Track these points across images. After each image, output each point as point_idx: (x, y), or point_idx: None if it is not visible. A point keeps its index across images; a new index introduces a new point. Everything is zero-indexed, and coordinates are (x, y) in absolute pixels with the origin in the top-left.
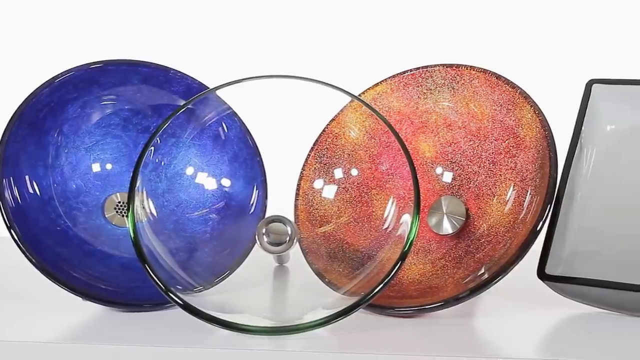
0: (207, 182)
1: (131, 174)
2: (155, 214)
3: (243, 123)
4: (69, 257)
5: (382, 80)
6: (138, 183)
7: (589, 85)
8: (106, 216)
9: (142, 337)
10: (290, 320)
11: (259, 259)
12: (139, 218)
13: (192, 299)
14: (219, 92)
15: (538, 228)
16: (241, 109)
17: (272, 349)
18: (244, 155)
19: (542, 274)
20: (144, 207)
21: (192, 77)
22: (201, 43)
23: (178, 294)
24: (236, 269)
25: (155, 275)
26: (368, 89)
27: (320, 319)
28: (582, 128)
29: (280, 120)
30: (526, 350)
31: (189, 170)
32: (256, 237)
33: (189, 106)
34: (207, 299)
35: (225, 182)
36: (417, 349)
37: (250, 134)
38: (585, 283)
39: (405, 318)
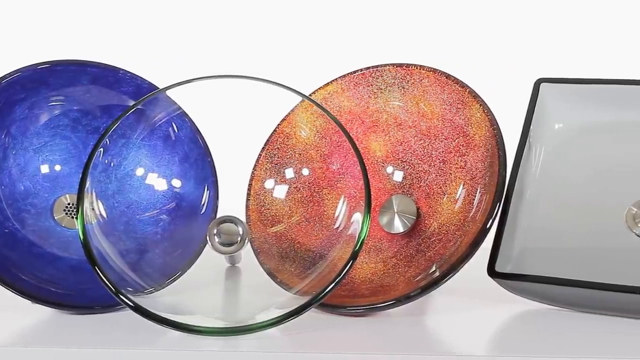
0: (158, 183)
1: (80, 175)
2: (105, 216)
3: (193, 123)
4: (17, 260)
5: (333, 80)
6: (87, 184)
7: (537, 84)
8: (55, 218)
9: (93, 339)
10: (242, 320)
11: (210, 260)
12: (88, 220)
13: (143, 301)
14: (169, 92)
15: (488, 226)
16: (191, 109)
17: (224, 350)
18: (194, 156)
19: (492, 271)
20: (93, 209)
21: (141, 78)
22: (151, 43)
23: (129, 295)
24: (187, 270)
25: (105, 277)
26: (319, 88)
27: (272, 319)
28: (531, 127)
29: (231, 120)
30: (477, 347)
31: (139, 171)
32: (207, 237)
33: (138, 106)
34: (158, 301)
35: (176, 183)
36: (369, 347)
37: (201, 134)
38: (534, 280)
39: (357, 317)
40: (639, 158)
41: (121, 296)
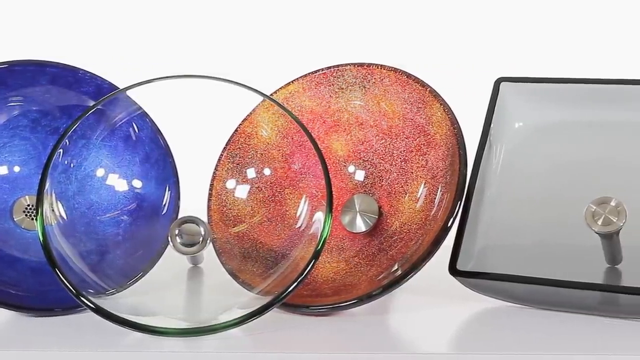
0: (119, 183)
1: (40, 176)
2: (65, 217)
3: (154, 123)
4: None
5: (294, 80)
6: (47, 185)
7: (497, 83)
8: (15, 220)
9: (54, 341)
10: (205, 321)
11: (172, 261)
12: (48, 221)
13: (104, 302)
14: (129, 93)
15: (449, 224)
16: (152, 109)
17: (186, 351)
18: (155, 156)
19: (453, 269)
20: (53, 210)
21: (101, 78)
22: (110, 43)
23: (90, 297)
24: (149, 271)
25: (65, 279)
26: (280, 88)
27: (235, 319)
28: (491, 125)
29: (192, 120)
30: (439, 345)
31: (100, 172)
32: (169, 238)
33: (98, 107)
34: (120, 302)
35: (137, 184)
36: (332, 347)
37: (162, 134)
38: (495, 278)
39: (320, 316)
40: (598, 156)
41: (82, 298)
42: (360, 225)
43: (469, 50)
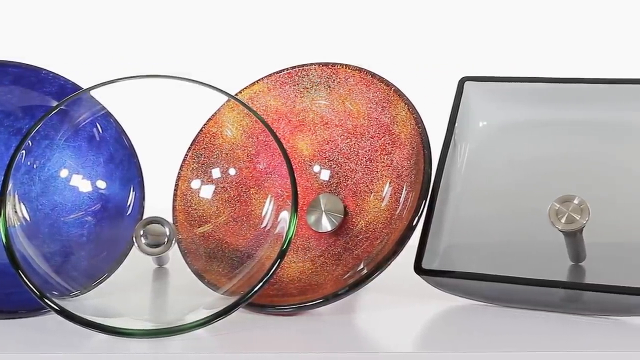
0: (83, 184)
1: (2, 177)
2: (28, 218)
3: (118, 124)
4: None
5: (259, 79)
6: (10, 187)
7: (462, 82)
8: None
9: (18, 344)
10: (171, 321)
11: (137, 261)
12: (11, 223)
13: (68, 304)
14: (93, 93)
15: (414, 223)
16: (116, 110)
17: (152, 352)
18: (120, 157)
19: (418, 268)
20: (16, 212)
21: (65, 78)
22: (74, 43)
23: (54, 299)
24: (114, 272)
25: (29, 281)
26: (245, 88)
27: (201, 320)
28: (456, 125)
29: (157, 121)
30: (405, 344)
31: (64, 173)
32: (134, 239)
33: (62, 107)
34: (84, 304)
35: (101, 184)
36: (298, 347)
37: (126, 134)
38: (460, 276)
39: (286, 316)
40: (562, 154)
41: (46, 300)
42: (326, 225)
43: (434, 49)
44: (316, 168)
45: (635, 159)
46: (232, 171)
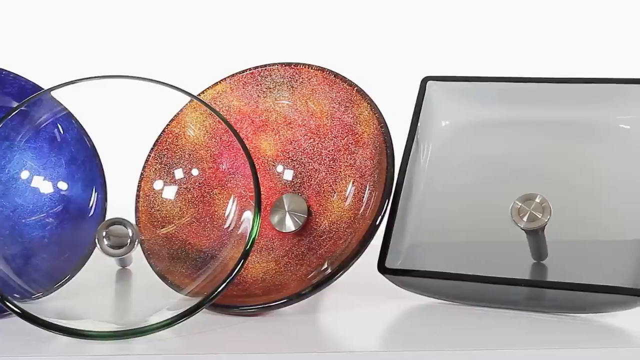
0: (44, 185)
1: None
2: None
3: (80, 124)
4: None
5: (222, 80)
6: None
7: (424, 82)
8: None
9: None
10: (134, 323)
11: (100, 263)
12: None
13: (30, 307)
14: (53, 93)
15: (377, 222)
16: (78, 110)
17: (116, 354)
18: (81, 157)
19: (382, 267)
20: None
21: (25, 78)
22: (34, 43)
23: (15, 301)
24: (76, 274)
25: None
26: (207, 88)
27: (165, 321)
28: (418, 124)
29: (119, 121)
30: (369, 342)
31: (25, 174)
32: (96, 240)
33: (22, 108)
34: (46, 306)
35: (63, 185)
36: (263, 347)
37: (88, 135)
38: (423, 275)
39: (250, 316)
40: (524, 153)
41: (7, 302)
42: (290, 225)
43: (396, 49)
44: (279, 168)
45: (596, 158)
46: (195, 172)
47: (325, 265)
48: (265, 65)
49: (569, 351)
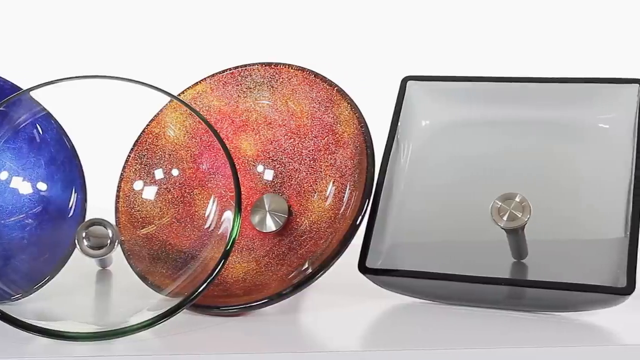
0: (23, 186)
1: None
2: None
3: (59, 125)
4: None
5: (202, 80)
6: None
7: (404, 82)
8: None
9: None
10: (114, 323)
11: (79, 264)
12: None
13: (9, 308)
14: (32, 93)
15: (358, 222)
16: (57, 111)
17: (96, 355)
18: (61, 158)
19: (362, 267)
20: None
21: (3, 78)
22: (13, 43)
23: None
24: (56, 275)
25: None
26: (187, 88)
27: (145, 321)
28: (399, 124)
29: (99, 121)
30: (350, 342)
31: (3, 175)
32: (76, 241)
33: (1, 108)
34: (26, 307)
35: (42, 186)
36: (244, 347)
37: (67, 135)
38: (404, 275)
39: (231, 317)
40: (503, 152)
41: None
42: (270, 225)
43: (376, 49)
44: (260, 168)
45: (575, 157)
46: (175, 172)
47: (306, 265)
48: (245, 65)
49: (549, 350)
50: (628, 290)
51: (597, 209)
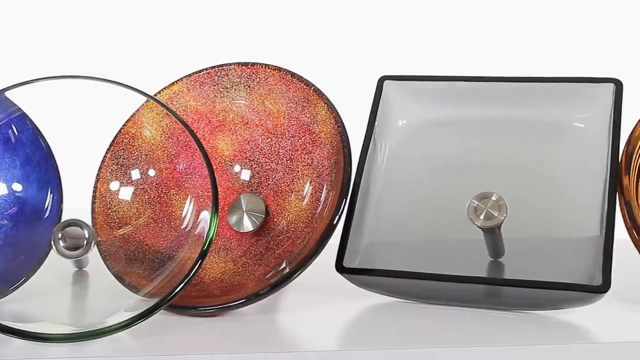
0: None
1: None
2: None
3: (35, 125)
4: None
5: (178, 80)
6: None
7: (381, 81)
8: None
9: None
10: (91, 325)
11: (56, 265)
12: None
13: None
14: (7, 94)
15: (335, 222)
16: (32, 111)
17: (72, 356)
18: (37, 159)
19: (340, 267)
20: None
21: None
22: None
23: None
24: (32, 276)
25: None
26: (164, 88)
27: (122, 322)
28: (375, 123)
29: (75, 122)
30: (328, 342)
31: None
32: (52, 242)
33: None
34: (2, 309)
35: (18, 187)
36: (222, 347)
37: (43, 136)
38: (381, 274)
39: (209, 317)
40: (480, 152)
41: None
42: (248, 225)
43: (353, 48)
44: (237, 168)
45: (551, 156)
46: (151, 172)
47: (284, 265)
48: (222, 65)
49: (525, 348)
50: (603, 288)
51: (573, 207)
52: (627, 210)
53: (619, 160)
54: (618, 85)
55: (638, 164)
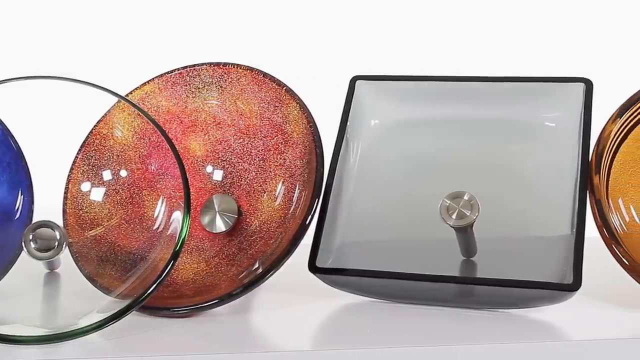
0: None
1: None
2: None
3: (5, 125)
4: None
5: (150, 80)
6: None
7: (353, 81)
8: None
9: None
10: (63, 326)
11: (27, 266)
12: None
13: None
14: None
15: (307, 222)
16: (2, 111)
17: (45, 358)
18: (7, 159)
19: (312, 266)
20: None
21: None
22: None
23: None
24: (3, 278)
25: None
26: (135, 88)
27: (94, 323)
28: (348, 123)
29: (45, 122)
30: (301, 342)
31: None
32: (23, 243)
33: None
34: None
35: None
36: (194, 348)
37: (13, 136)
38: (354, 274)
39: (182, 318)
40: (452, 152)
41: None
42: (220, 225)
43: (324, 48)
44: (209, 168)
45: (523, 155)
46: (123, 173)
47: (256, 265)
48: (193, 65)
49: (497, 346)
50: (574, 286)
51: (544, 206)
52: (598, 209)
53: (590, 159)
54: (588, 84)
55: (608, 163)
